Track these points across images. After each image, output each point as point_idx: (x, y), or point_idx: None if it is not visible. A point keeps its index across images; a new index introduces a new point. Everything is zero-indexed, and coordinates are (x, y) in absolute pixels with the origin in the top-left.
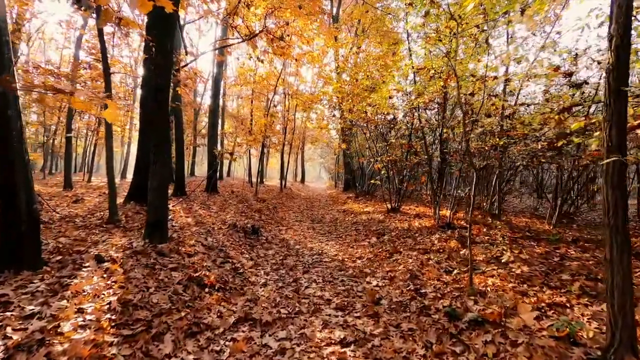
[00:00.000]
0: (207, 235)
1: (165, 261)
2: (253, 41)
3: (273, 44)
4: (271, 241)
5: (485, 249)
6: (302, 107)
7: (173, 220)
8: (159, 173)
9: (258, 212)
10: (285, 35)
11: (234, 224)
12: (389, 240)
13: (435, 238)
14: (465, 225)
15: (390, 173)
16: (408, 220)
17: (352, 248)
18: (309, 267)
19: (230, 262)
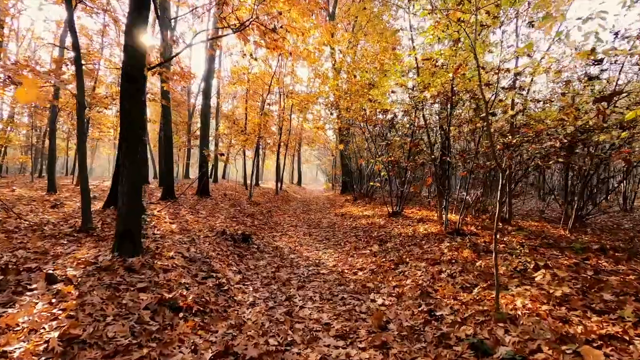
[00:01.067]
0: (191, 244)
1: (133, 279)
2: (244, 34)
3: (265, 36)
4: (263, 250)
5: (504, 260)
6: (299, 107)
7: (155, 228)
8: (129, 175)
9: (251, 216)
10: (278, 27)
11: (222, 230)
12: (393, 249)
13: (445, 247)
14: (475, 232)
15: (391, 174)
16: (412, 225)
17: (352, 257)
18: (305, 280)
19: (214, 277)
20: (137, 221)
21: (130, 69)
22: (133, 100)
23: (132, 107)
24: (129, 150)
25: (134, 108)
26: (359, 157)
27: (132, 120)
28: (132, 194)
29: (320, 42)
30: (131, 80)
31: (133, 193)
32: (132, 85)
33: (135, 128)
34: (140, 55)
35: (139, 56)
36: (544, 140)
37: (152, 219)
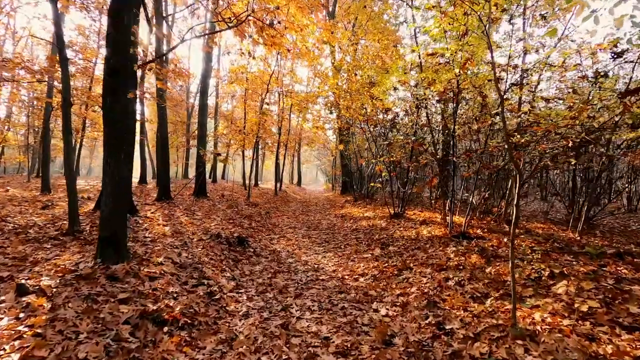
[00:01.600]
0: (182, 249)
1: (115, 289)
2: (241, 29)
3: (263, 32)
4: (260, 253)
5: (515, 266)
6: (298, 108)
7: (147, 230)
8: (113, 175)
9: (248, 218)
10: (276, 22)
11: (217, 233)
12: (395, 253)
13: (451, 251)
14: (482, 235)
15: (392, 175)
16: (414, 227)
17: (352, 261)
18: (303, 288)
19: (205, 285)
20: (121, 225)
21: (113, 61)
22: (116, 96)
23: (114, 102)
24: (113, 149)
25: (117, 104)
26: (359, 158)
27: (115, 117)
28: (116, 195)
29: (319, 39)
30: (114, 73)
31: (117, 194)
32: (115, 79)
33: (119, 125)
34: (124, 45)
35: (123, 46)
36: (553, 139)
37: (144, 220)
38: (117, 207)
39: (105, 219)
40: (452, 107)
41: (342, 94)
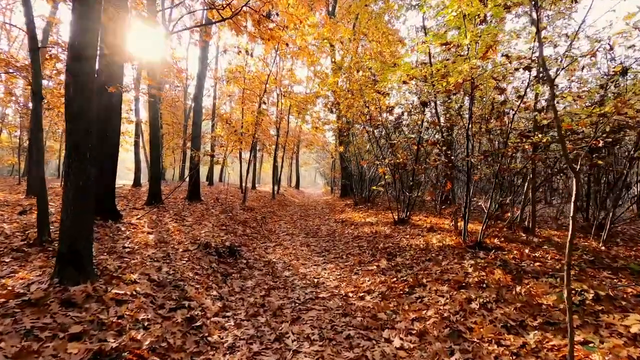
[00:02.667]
0: (164, 262)
1: (68, 320)
2: (236, 22)
3: (260, 26)
4: (253, 265)
5: (549, 285)
6: (297, 109)
7: (128, 239)
8: (76, 179)
9: (242, 224)
10: (273, 14)
11: (206, 243)
12: (404, 265)
13: (469, 264)
14: (500, 245)
15: (396, 178)
16: (422, 234)
17: (356, 274)
18: (301, 309)
19: (186, 308)
20: (85, 238)
21: (78, 44)
22: (80, 85)
23: (78, 93)
24: (76, 147)
25: (80, 95)
26: (360, 160)
27: (79, 109)
28: (79, 203)
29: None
30: (78, 57)
31: (81, 202)
32: (78, 64)
33: (82, 118)
34: (92, 24)
35: (90, 26)
36: (576, 139)
37: (127, 227)
38: (79, 217)
39: (65, 231)
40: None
41: (342, 93)
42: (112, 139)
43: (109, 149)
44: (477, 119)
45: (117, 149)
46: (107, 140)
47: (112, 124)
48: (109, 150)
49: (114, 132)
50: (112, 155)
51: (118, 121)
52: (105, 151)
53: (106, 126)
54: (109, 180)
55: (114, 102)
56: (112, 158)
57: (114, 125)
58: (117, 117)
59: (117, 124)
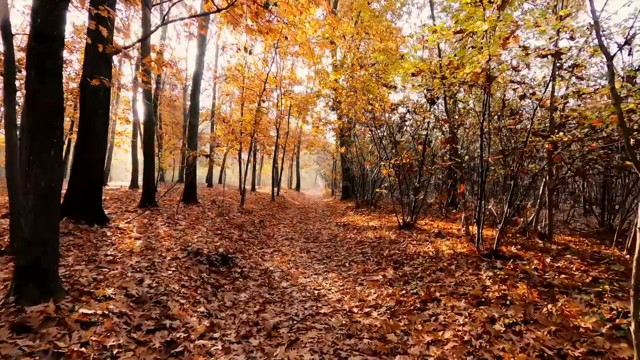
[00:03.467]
0: (147, 272)
1: (16, 350)
2: (233, 13)
3: (258, 18)
4: (248, 275)
5: (585, 304)
6: (297, 109)
7: (112, 246)
8: (37, 182)
9: (239, 228)
10: (272, 5)
11: (197, 250)
12: (413, 276)
13: (486, 276)
14: (517, 253)
15: (401, 179)
16: (430, 240)
17: (360, 285)
18: (299, 328)
19: (166, 329)
20: (49, 250)
21: (41, 23)
22: (42, 70)
23: (40, 80)
24: (37, 145)
25: (43, 84)
26: (362, 161)
27: (41, 99)
28: (41, 208)
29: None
30: (42, 39)
31: (44, 207)
32: (41, 45)
33: (45, 109)
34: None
35: (54, 4)
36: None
37: (114, 232)
38: (42, 224)
39: (24, 242)
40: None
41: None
42: (99, 137)
43: (96, 147)
44: (489, 116)
45: (104, 147)
46: (94, 138)
47: (100, 122)
48: (96, 149)
49: (102, 130)
50: (100, 154)
51: (106, 118)
52: (92, 150)
53: (93, 123)
54: (96, 181)
55: (101, 97)
56: (99, 157)
57: (101, 123)
58: (105, 114)
59: (104, 121)
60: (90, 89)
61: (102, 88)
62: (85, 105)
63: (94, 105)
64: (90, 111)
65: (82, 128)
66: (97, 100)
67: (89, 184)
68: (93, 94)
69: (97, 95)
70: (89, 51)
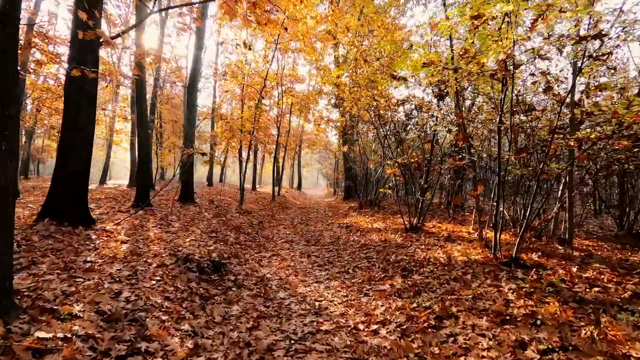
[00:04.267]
0: (127, 283)
1: None
2: (229, 4)
3: (255, 9)
4: (242, 283)
5: (632, 326)
6: (298, 107)
7: (94, 251)
8: None
9: (236, 230)
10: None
11: (187, 256)
12: (424, 286)
13: (509, 289)
14: (539, 262)
15: (407, 178)
16: (439, 245)
17: (366, 296)
18: (298, 348)
19: (140, 354)
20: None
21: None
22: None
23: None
24: None
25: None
26: (365, 160)
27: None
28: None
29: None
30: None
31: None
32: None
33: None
34: None
35: None
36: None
37: (99, 235)
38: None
39: None
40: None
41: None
42: (84, 132)
43: (80, 143)
44: (511, 108)
45: (90, 144)
46: (78, 133)
47: (85, 116)
48: (81, 145)
49: (88, 124)
50: (86, 151)
51: (92, 112)
52: (77, 146)
53: (78, 117)
54: (80, 180)
55: (87, 90)
56: (84, 154)
57: (87, 117)
58: (92, 108)
59: (91, 115)
60: (76, 80)
61: (89, 80)
62: (69, 98)
63: (80, 98)
64: (75, 104)
65: (66, 122)
66: (83, 92)
67: (73, 183)
68: (78, 86)
69: (82, 88)
70: (74, 41)
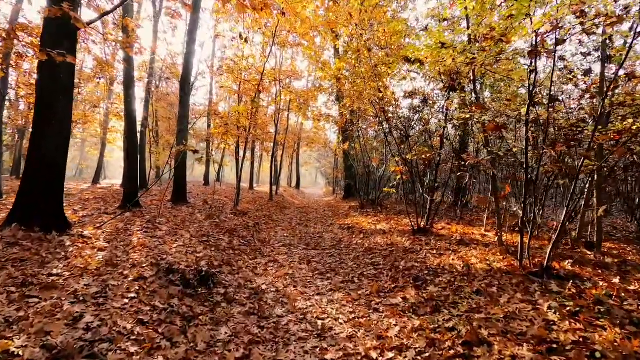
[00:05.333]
0: (91, 304)
1: None
2: None
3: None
4: (234, 298)
5: None
6: (297, 104)
7: (64, 261)
8: None
9: (230, 233)
10: None
11: (169, 266)
12: (443, 300)
13: (548, 306)
14: (574, 271)
15: (414, 176)
16: (452, 249)
17: (376, 312)
18: None
19: None
20: None
21: None
22: None
23: None
24: None
25: None
26: (366, 158)
27: None
28: None
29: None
30: None
31: None
32: None
33: None
34: None
35: None
36: None
37: (74, 241)
38: None
39: None
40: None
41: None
42: (58, 126)
43: (53, 139)
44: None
45: (66, 139)
46: (51, 127)
47: (61, 108)
48: (53, 142)
49: (63, 117)
50: (59, 148)
51: (68, 104)
52: (49, 142)
53: (52, 110)
54: (54, 180)
55: (62, 79)
56: (60, 150)
57: (62, 109)
58: (68, 99)
59: (65, 108)
60: (49, 68)
61: (64, 69)
62: (42, 88)
63: (54, 87)
64: (49, 95)
65: (38, 115)
66: (57, 82)
67: (46, 183)
68: (52, 74)
69: (56, 77)
70: (49, 25)
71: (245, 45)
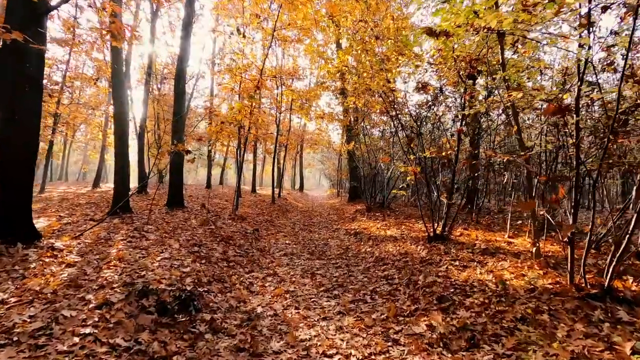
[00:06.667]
0: (25, 347)
1: None
2: None
3: None
4: (221, 326)
5: None
6: (299, 104)
7: (17, 281)
8: None
9: (226, 242)
10: None
11: (144, 287)
12: (480, 328)
13: (630, 347)
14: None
15: (428, 177)
16: (478, 261)
17: (396, 344)
18: None
19: None
20: None
21: None
22: None
23: None
24: None
25: None
26: (373, 158)
27: None
28: None
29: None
30: None
31: None
32: None
33: None
34: None
35: None
36: None
37: (41, 255)
38: None
39: None
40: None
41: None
42: (24, 125)
43: (18, 140)
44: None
45: (35, 140)
46: (15, 127)
47: (27, 104)
48: (19, 143)
49: (31, 114)
50: (25, 150)
51: (35, 100)
52: (12, 143)
53: (17, 105)
54: (21, 186)
55: (30, 71)
56: (24, 154)
57: (30, 104)
58: (36, 92)
59: (33, 104)
60: (11, 56)
61: (33, 58)
62: (5, 81)
63: (20, 80)
64: (13, 88)
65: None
66: (25, 73)
67: (10, 190)
68: (15, 63)
69: (22, 67)
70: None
71: (244, 40)
